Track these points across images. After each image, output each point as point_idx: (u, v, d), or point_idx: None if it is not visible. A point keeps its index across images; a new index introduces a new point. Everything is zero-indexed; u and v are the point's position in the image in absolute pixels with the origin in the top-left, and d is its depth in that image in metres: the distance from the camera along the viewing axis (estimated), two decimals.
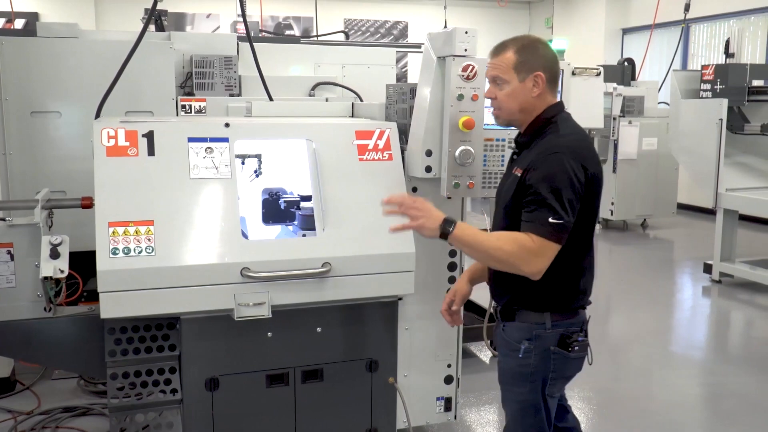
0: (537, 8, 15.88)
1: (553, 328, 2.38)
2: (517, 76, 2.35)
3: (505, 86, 2.37)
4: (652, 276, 7.59)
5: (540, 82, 2.35)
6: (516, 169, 2.36)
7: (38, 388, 4.18)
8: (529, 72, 2.34)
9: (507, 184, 2.43)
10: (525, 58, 2.35)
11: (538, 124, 2.39)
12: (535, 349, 2.38)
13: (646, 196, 9.38)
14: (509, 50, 2.36)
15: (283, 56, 5.43)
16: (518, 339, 2.40)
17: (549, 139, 2.33)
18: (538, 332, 2.38)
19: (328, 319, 3.06)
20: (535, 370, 2.39)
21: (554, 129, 2.35)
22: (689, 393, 4.60)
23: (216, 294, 2.75)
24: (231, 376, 2.97)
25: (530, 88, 2.35)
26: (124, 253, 2.65)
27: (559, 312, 2.40)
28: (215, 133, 2.90)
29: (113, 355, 2.89)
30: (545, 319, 2.37)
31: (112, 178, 2.74)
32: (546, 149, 2.28)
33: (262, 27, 12.46)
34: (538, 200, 2.21)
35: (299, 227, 3.25)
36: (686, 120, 7.18)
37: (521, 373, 2.42)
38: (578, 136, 2.38)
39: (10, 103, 4.31)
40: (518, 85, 2.35)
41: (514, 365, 2.43)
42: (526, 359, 2.39)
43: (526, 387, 2.42)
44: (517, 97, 2.36)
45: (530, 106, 2.38)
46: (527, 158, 2.34)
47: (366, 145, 3.07)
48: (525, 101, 2.37)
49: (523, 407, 2.47)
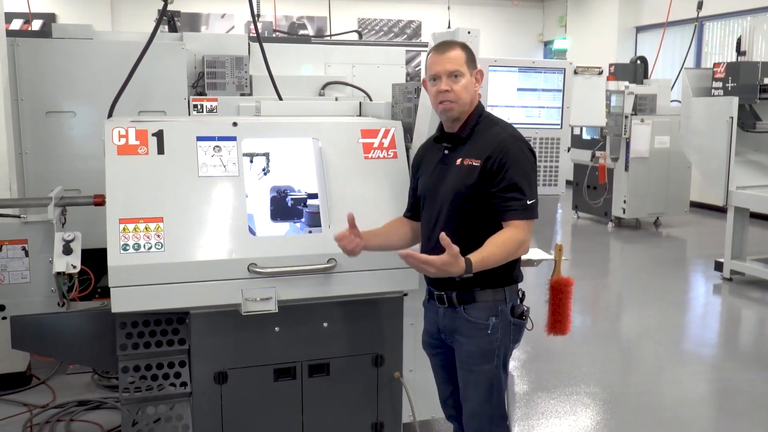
0: (550, 7, 15.86)
1: (509, 301, 2.59)
2: (468, 70, 2.55)
3: (461, 79, 2.53)
4: (664, 274, 7.58)
5: (479, 78, 2.59)
6: (465, 161, 2.52)
7: (53, 383, 4.27)
8: (474, 67, 2.57)
9: (454, 176, 2.54)
10: (470, 55, 2.57)
11: (474, 119, 2.59)
12: (500, 324, 2.56)
13: (658, 194, 9.36)
14: (458, 47, 2.56)
15: (294, 56, 5.49)
16: (485, 317, 2.55)
17: (496, 131, 2.54)
18: (502, 308, 2.57)
19: (334, 314, 3.11)
20: (500, 344, 2.58)
21: (491, 122, 2.59)
22: (698, 390, 4.62)
23: (224, 289, 2.82)
24: (239, 369, 3.03)
25: (474, 83, 2.58)
26: (135, 249, 2.72)
27: (510, 285, 2.60)
28: (223, 132, 2.97)
29: (124, 349, 2.96)
30: (504, 293, 2.58)
31: (123, 176, 2.81)
32: (503, 139, 2.49)
33: (276, 27, 12.55)
34: (513, 187, 2.44)
35: (306, 224, 3.30)
36: (697, 118, 7.16)
37: (490, 349, 2.57)
38: (512, 126, 2.62)
39: (25, 103, 4.40)
40: (470, 79, 2.55)
41: (483, 343, 2.57)
42: (494, 334, 2.56)
43: (494, 362, 2.58)
44: (469, 90, 2.56)
45: (473, 100, 2.59)
46: (476, 148, 2.52)
47: (371, 143, 3.13)
48: (472, 94, 2.58)
49: (492, 385, 2.60)
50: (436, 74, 2.54)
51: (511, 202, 2.44)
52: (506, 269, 2.54)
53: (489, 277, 2.49)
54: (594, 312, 6.42)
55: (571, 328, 3.22)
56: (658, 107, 9.30)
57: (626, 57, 11.72)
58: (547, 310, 3.12)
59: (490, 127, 2.56)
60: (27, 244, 3.04)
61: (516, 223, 2.45)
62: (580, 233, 9.88)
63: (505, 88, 3.00)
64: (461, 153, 2.56)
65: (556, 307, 3.07)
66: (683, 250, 9.02)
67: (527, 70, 3.02)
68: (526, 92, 3.03)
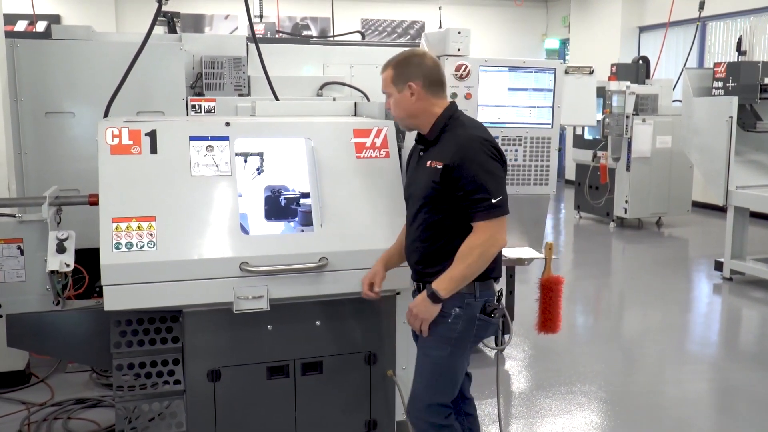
0: (554, 7, 15.84)
1: (480, 297, 2.64)
2: (395, 88, 2.67)
3: (390, 98, 2.71)
4: (665, 274, 7.58)
5: (416, 89, 2.62)
6: (432, 163, 2.59)
7: (52, 381, 4.30)
8: (404, 83, 2.64)
9: (423, 177, 2.64)
10: (399, 72, 2.65)
11: (441, 122, 2.65)
12: (464, 316, 2.63)
13: (660, 194, 9.34)
14: (389, 67, 2.69)
15: (293, 57, 5.51)
16: (450, 307, 2.62)
17: (458, 132, 2.59)
18: (469, 300, 2.63)
19: (327, 312, 3.13)
20: (459, 336, 2.65)
21: (458, 124, 2.63)
22: (699, 389, 4.61)
23: (216, 287, 2.84)
24: (232, 367, 3.05)
25: (409, 97, 2.64)
26: (127, 248, 2.75)
27: (483, 281, 2.65)
28: (216, 131, 2.99)
29: (119, 347, 2.98)
30: (474, 288, 2.62)
31: (116, 176, 2.84)
32: (463, 141, 2.55)
33: (279, 28, 12.59)
34: (476, 188, 2.49)
35: (299, 224, 3.32)
36: (698, 118, 7.16)
37: (446, 336, 2.65)
38: (482, 128, 2.67)
39: (25, 103, 4.44)
40: (398, 96, 2.66)
41: (442, 329, 2.64)
42: (454, 325, 2.63)
43: (446, 350, 2.66)
44: (400, 105, 2.67)
45: (418, 111, 2.66)
46: (441, 150, 2.59)
47: (363, 143, 3.15)
48: (409, 108, 2.66)
49: (436, 370, 2.68)
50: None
51: (476, 204, 2.50)
52: None
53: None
54: (595, 311, 6.43)
55: (573, 327, 3.25)
56: (660, 107, 9.29)
57: (629, 57, 11.69)
58: (538, 308, 3.13)
59: (455, 129, 2.61)
60: (22, 243, 3.07)
61: (482, 224, 2.51)
62: (582, 233, 9.88)
63: (496, 87, 3.01)
64: (430, 155, 2.63)
65: (546, 306, 3.09)
66: (685, 250, 9.01)
67: (518, 69, 3.03)
68: (517, 92, 3.04)
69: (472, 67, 2.91)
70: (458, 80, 2.92)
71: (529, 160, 3.08)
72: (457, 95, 2.91)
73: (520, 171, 3.08)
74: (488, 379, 4.36)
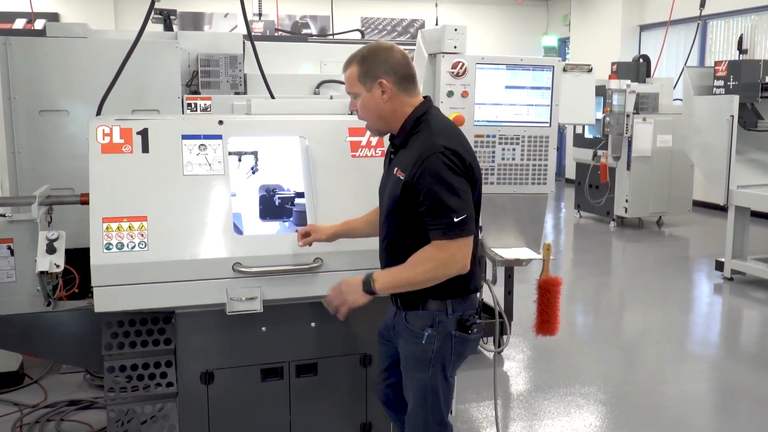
0: (554, 5, 15.79)
1: (453, 313, 2.45)
2: (363, 87, 2.41)
3: (358, 98, 2.44)
4: (666, 273, 7.53)
5: (387, 87, 2.38)
6: (397, 171, 2.40)
7: (45, 382, 4.26)
8: (373, 80, 2.38)
9: (390, 184, 2.46)
10: (366, 68, 2.39)
11: (409, 124, 2.43)
12: (437, 335, 2.45)
13: (660, 193, 9.30)
14: (353, 64, 2.43)
15: (290, 55, 5.47)
16: (421, 327, 2.46)
17: (422, 139, 2.35)
18: (441, 318, 2.45)
19: (321, 313, 3.06)
20: (436, 355, 2.46)
21: (425, 127, 2.39)
22: (699, 389, 4.58)
23: (208, 288, 2.80)
24: (226, 369, 3.02)
25: (379, 96, 2.39)
26: (118, 249, 2.70)
27: (458, 297, 2.46)
28: (209, 130, 2.95)
29: (110, 349, 2.94)
30: (446, 306, 2.44)
31: (107, 175, 2.80)
32: (422, 151, 2.30)
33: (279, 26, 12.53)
34: (435, 204, 2.26)
35: (294, 223, 3.28)
36: (698, 117, 7.11)
37: (424, 358, 2.48)
38: (449, 131, 2.42)
39: (18, 102, 4.38)
40: (367, 95, 2.41)
41: (417, 351, 2.48)
42: (429, 345, 2.45)
43: (428, 372, 2.48)
44: (369, 106, 2.42)
45: (388, 112, 2.42)
46: (406, 158, 2.38)
47: (359, 141, 3.10)
48: (379, 109, 2.42)
49: (425, 392, 2.52)
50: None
51: (435, 221, 2.28)
52: (450, 280, 2.38)
53: (435, 288, 2.40)
54: (595, 311, 6.38)
55: (572, 327, 3.20)
56: (661, 106, 9.24)
57: (630, 55, 11.65)
58: (535, 310, 3.08)
59: (421, 133, 2.38)
60: (12, 243, 3.02)
61: (441, 243, 2.29)
62: (582, 232, 9.83)
63: (493, 85, 2.96)
64: (398, 161, 2.44)
65: (544, 307, 3.04)
66: (686, 250, 8.97)
67: (515, 67, 2.98)
68: (515, 90, 2.99)
69: (469, 65, 2.86)
70: (455, 78, 2.87)
71: (527, 159, 3.03)
72: (453, 93, 2.86)
73: (517, 170, 3.04)
74: (486, 380, 4.33)
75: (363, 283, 2.41)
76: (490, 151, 3.00)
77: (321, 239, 2.81)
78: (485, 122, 2.98)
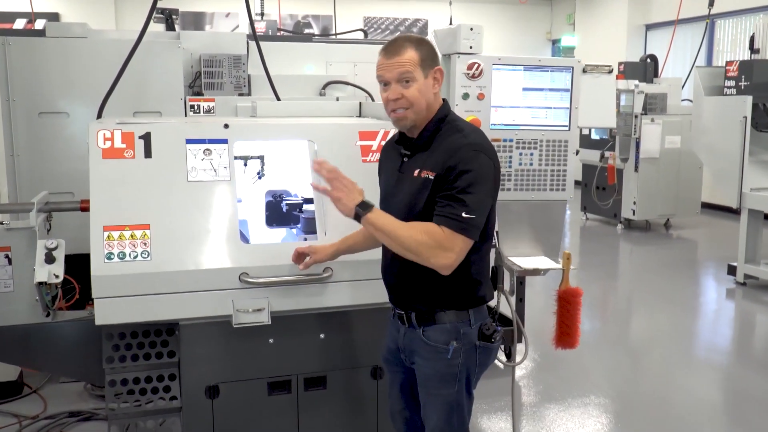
0: (559, 4, 15.68)
1: (475, 322, 2.36)
2: (422, 72, 2.29)
3: (413, 84, 2.28)
4: (674, 277, 7.41)
5: (440, 78, 2.33)
6: (420, 172, 2.27)
7: (45, 392, 4.16)
8: (431, 68, 2.31)
9: (407, 188, 2.33)
10: (425, 55, 2.30)
11: (433, 125, 2.33)
12: (462, 348, 2.34)
13: (668, 195, 9.18)
14: (409, 48, 2.29)
15: (294, 55, 5.36)
16: (445, 341, 2.34)
17: (455, 138, 2.26)
18: (464, 330, 2.34)
19: (331, 324, 2.98)
20: (462, 369, 2.36)
21: (454, 127, 2.30)
22: (710, 398, 4.46)
23: (214, 300, 2.69)
24: (231, 383, 2.90)
25: (431, 85, 2.31)
26: (119, 258, 2.59)
27: (476, 306, 2.38)
28: (214, 134, 2.83)
29: (111, 362, 2.83)
30: (468, 315, 2.35)
31: (108, 181, 2.68)
32: (461, 149, 2.21)
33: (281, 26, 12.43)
34: (453, 195, 2.17)
35: (302, 231, 3.17)
36: (709, 117, 7.00)
37: (450, 374, 2.36)
38: (480, 133, 2.34)
39: (17, 104, 4.28)
40: (424, 82, 2.29)
41: (442, 367, 2.36)
42: (455, 359, 2.34)
43: (454, 387, 2.37)
44: (425, 93, 2.30)
45: (431, 104, 2.33)
46: (432, 158, 2.27)
47: (370, 146, 2.98)
48: (429, 97, 2.31)
49: (451, 409, 2.40)
50: (385, 80, 2.32)
51: (445, 208, 2.17)
52: (470, 289, 2.33)
53: (451, 296, 2.33)
54: (603, 316, 6.26)
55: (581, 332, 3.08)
56: (669, 106, 9.13)
57: (636, 55, 11.55)
58: (555, 321, 2.96)
59: (451, 134, 2.28)
60: (10, 252, 2.91)
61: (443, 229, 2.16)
62: (589, 235, 9.72)
63: (510, 87, 2.85)
64: (418, 163, 2.31)
65: (563, 319, 2.92)
66: (694, 253, 8.84)
67: (533, 68, 2.86)
68: (532, 92, 2.87)
69: (485, 66, 2.75)
70: (470, 80, 2.75)
71: (544, 164, 2.92)
72: (468, 96, 2.75)
73: (535, 176, 2.92)
74: (495, 389, 4.20)
75: (361, 203, 2.25)
76: (507, 156, 2.89)
77: (321, 260, 2.70)
78: (502, 126, 2.87)
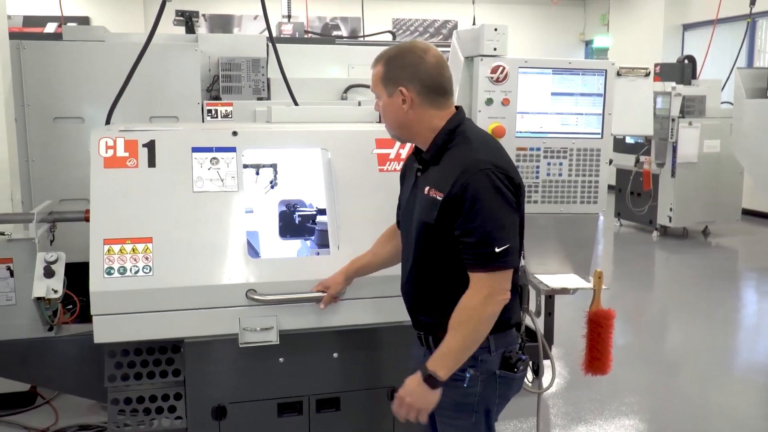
0: (592, 5, 15.36)
1: (497, 349, 2.15)
2: (384, 90, 2.13)
3: (379, 102, 2.16)
4: (713, 287, 7.12)
5: (408, 97, 2.10)
6: (429, 190, 2.10)
7: (57, 402, 4.06)
8: (394, 86, 2.11)
9: (419, 206, 2.16)
10: (389, 70, 2.13)
11: (441, 138, 2.12)
12: (480, 377, 2.14)
13: (707, 201, 8.85)
14: (379, 63, 2.16)
15: (316, 57, 5.21)
16: (461, 368, 2.11)
17: (462, 152, 2.07)
18: (483, 357, 2.14)
19: (345, 343, 2.81)
20: (480, 399, 2.16)
21: (464, 139, 2.10)
22: (751, 421, 4.20)
23: (219, 318, 2.56)
24: (239, 404, 2.76)
25: (399, 104, 2.10)
26: (120, 273, 2.46)
27: (499, 332, 2.15)
28: (221, 142, 2.69)
29: (113, 380, 2.70)
30: (488, 342, 2.12)
31: (109, 192, 2.57)
32: (466, 167, 2.02)
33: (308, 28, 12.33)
34: (475, 230, 1.99)
35: (316, 243, 3.01)
36: (751, 121, 6.71)
37: (466, 403, 2.16)
38: (491, 146, 2.15)
39: (32, 108, 4.20)
40: (387, 101, 2.13)
41: (457, 395, 2.15)
42: (472, 388, 2.14)
43: (472, 418, 2.17)
44: (388, 112, 2.14)
45: (410, 122, 2.13)
46: (440, 175, 2.09)
47: (387, 154, 2.82)
48: (398, 117, 2.13)
49: None
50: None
51: (473, 249, 2.01)
52: None
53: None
54: (636, 330, 6.00)
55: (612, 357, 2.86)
56: (708, 109, 8.79)
57: (672, 57, 11.21)
58: (585, 345, 2.75)
59: (460, 146, 2.09)
60: (12, 264, 2.80)
61: (479, 276, 2.02)
62: (622, 242, 9.44)
63: (538, 92, 2.65)
64: (429, 179, 2.14)
65: (594, 343, 2.71)
66: (734, 262, 8.52)
67: (563, 71, 2.66)
68: (562, 97, 2.67)
69: (511, 69, 2.56)
70: (494, 84, 2.56)
71: (575, 175, 2.72)
72: (492, 101, 2.56)
73: (564, 187, 2.72)
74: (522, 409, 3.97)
75: (426, 382, 2.08)
76: (533, 165, 2.69)
77: (338, 292, 2.58)
78: (528, 133, 2.68)
